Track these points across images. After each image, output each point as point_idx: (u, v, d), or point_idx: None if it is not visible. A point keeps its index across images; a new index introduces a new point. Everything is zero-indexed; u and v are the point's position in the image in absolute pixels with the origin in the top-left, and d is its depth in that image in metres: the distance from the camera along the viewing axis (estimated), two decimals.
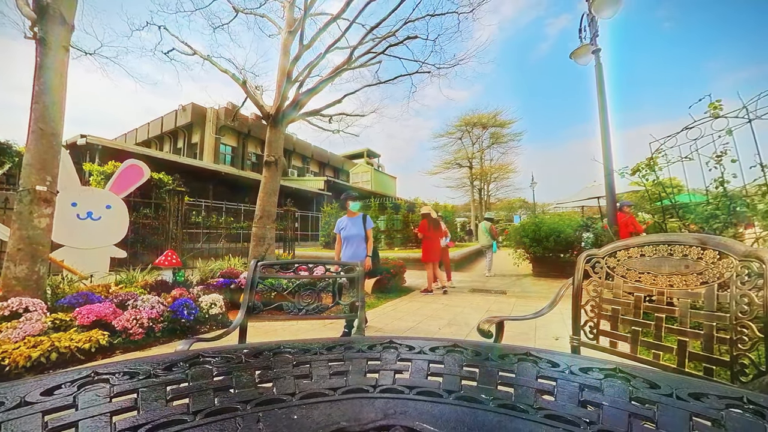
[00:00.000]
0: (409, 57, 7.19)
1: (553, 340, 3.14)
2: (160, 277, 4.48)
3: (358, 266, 1.56)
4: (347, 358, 0.62)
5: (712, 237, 1.06)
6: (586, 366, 0.54)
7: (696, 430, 0.37)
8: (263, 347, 0.65)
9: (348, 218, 3.46)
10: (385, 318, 4.24)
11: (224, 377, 0.52)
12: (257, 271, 1.45)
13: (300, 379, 0.53)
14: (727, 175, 2.72)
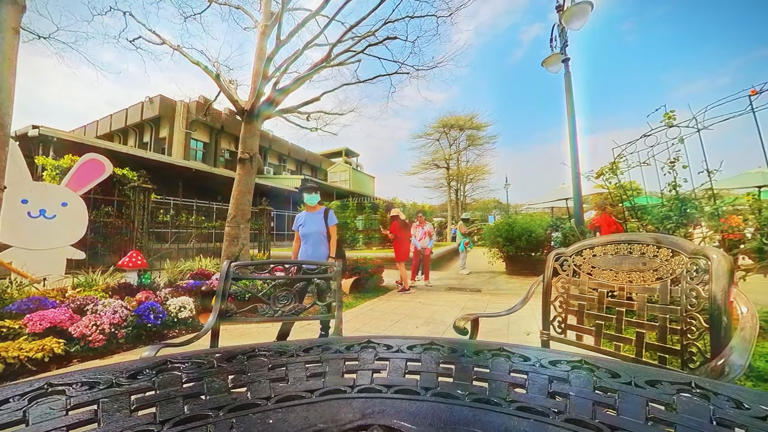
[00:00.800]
0: (389, 57, 7.22)
1: (525, 335, 3.27)
2: (123, 279, 4.21)
3: (335, 266, 1.55)
4: (325, 359, 0.61)
5: (666, 236, 1.14)
6: (554, 359, 0.57)
7: (652, 415, 0.40)
8: (237, 351, 0.63)
9: (306, 213, 3.08)
10: (364, 318, 4.23)
11: (194, 383, 0.50)
12: (230, 272, 1.40)
13: (276, 382, 0.52)
14: (679, 179, 2.96)
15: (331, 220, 3.03)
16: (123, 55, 63.68)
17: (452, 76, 20.41)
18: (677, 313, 1.01)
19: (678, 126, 2.83)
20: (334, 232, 3.02)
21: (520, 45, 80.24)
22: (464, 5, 6.91)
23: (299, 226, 3.06)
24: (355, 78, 7.25)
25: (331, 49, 6.29)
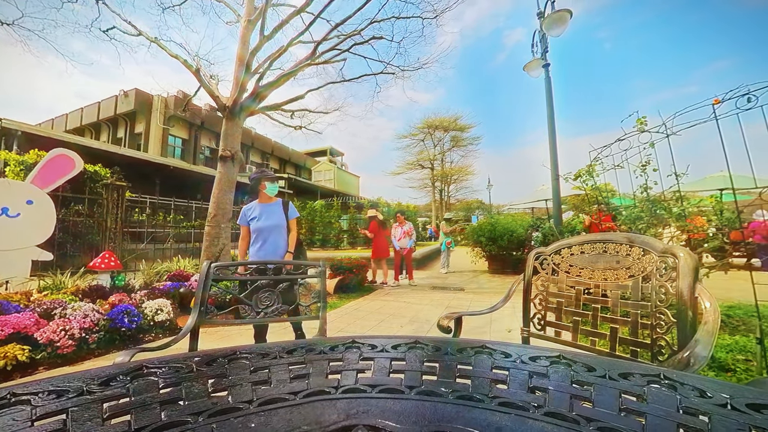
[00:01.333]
0: (374, 57, 7.20)
1: (506, 332, 3.35)
2: (95, 281, 4.01)
3: (320, 265, 1.54)
4: (308, 360, 0.60)
5: (638, 236, 1.20)
6: (534, 355, 0.59)
7: (625, 406, 0.42)
8: (217, 354, 0.61)
9: (261, 204, 2.68)
10: (348, 318, 4.21)
11: (173, 389, 0.49)
12: (211, 273, 1.36)
13: (258, 385, 0.51)
14: (650, 182, 3.11)
15: (292, 213, 2.72)
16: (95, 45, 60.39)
17: (437, 78, 20.69)
18: (648, 309, 1.06)
19: (649, 131, 2.97)
20: (295, 227, 2.73)
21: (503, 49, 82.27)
22: (449, 8, 6.99)
23: (251, 219, 2.63)
24: (340, 77, 7.20)
25: (316, 47, 6.21)
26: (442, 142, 26.97)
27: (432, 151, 26.82)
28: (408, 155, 28.09)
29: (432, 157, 26.72)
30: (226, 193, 5.61)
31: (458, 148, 27.31)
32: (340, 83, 7.17)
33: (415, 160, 27.62)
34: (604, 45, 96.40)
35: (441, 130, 26.45)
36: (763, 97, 2.14)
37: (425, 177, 27.73)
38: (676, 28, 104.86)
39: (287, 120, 7.72)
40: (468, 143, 27.17)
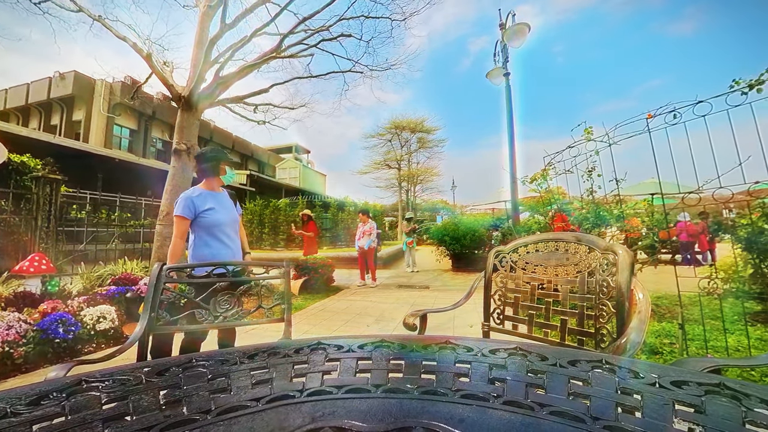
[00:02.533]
0: (343, 55, 7.11)
1: (468, 328, 3.50)
2: (22, 287, 3.54)
3: (283, 265, 1.49)
4: (272, 364, 0.58)
5: (584, 235, 1.31)
6: (494, 348, 0.62)
7: (573, 390, 0.46)
8: (170, 363, 0.57)
9: (212, 194, 2.12)
10: (314, 319, 4.13)
11: (118, 404, 0.45)
12: (163, 276, 1.26)
13: (217, 393, 0.49)
14: (595, 186, 3.42)
15: (238, 207, 2.34)
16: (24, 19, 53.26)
17: (405, 79, 20.83)
18: (592, 301, 1.16)
19: (594, 140, 3.26)
20: (241, 224, 2.39)
21: (468, 55, 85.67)
22: (417, 12, 7.11)
23: (205, 211, 2.00)
24: (307, 72, 7.02)
25: (282, 40, 6.01)
26: (408, 143, 27.40)
27: (399, 151, 27.14)
28: (375, 155, 28.18)
29: (399, 157, 27.03)
30: (180, 189, 5.22)
31: (424, 150, 27.91)
32: (307, 79, 6.99)
33: (383, 159, 27.77)
34: (558, 59, 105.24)
35: (408, 131, 26.84)
36: (686, 114, 2.45)
37: (392, 177, 28.00)
38: (618, 49, 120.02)
39: (250, 114, 7.38)
40: (434, 145, 27.87)
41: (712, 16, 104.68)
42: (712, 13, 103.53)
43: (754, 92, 2.26)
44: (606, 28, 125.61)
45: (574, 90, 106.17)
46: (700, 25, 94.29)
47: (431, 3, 7.03)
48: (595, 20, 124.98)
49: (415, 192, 29.53)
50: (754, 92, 2.26)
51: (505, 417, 0.42)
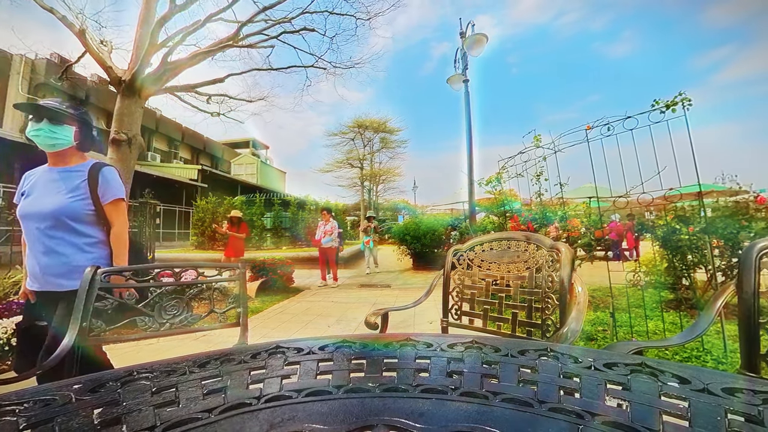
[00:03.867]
0: (305, 49, 6.90)
1: (428, 324, 3.60)
2: None
3: (238, 267, 1.41)
4: (226, 372, 0.55)
5: (533, 234, 1.42)
6: (451, 342, 0.65)
7: (522, 378, 0.50)
8: (106, 378, 0.52)
9: (45, 169, 1.45)
10: (272, 322, 3.97)
11: (41, 429, 0.39)
12: (97, 281, 1.13)
13: (163, 407, 0.45)
14: (542, 189, 3.72)
15: (113, 188, 1.47)
16: None
17: (369, 78, 20.76)
18: (539, 295, 1.26)
19: (542, 147, 3.54)
20: (120, 217, 1.49)
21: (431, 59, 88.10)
22: (382, 13, 7.14)
23: (22, 196, 1.43)
24: (267, 64, 6.70)
25: (240, 28, 5.67)
26: (371, 142, 27.46)
27: (362, 150, 27.08)
28: (338, 153, 27.83)
29: (361, 156, 26.98)
30: None
31: (387, 150, 28.17)
32: (267, 71, 6.69)
33: (345, 158, 27.53)
34: (512, 69, 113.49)
35: (371, 130, 26.89)
36: (617, 127, 2.76)
37: (354, 176, 27.86)
38: (564, 64, 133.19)
39: (202, 104, 6.87)
40: (396, 145, 28.24)
41: (645, 41, 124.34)
42: (644, 38, 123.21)
43: (670, 111, 2.61)
44: (554, 45, 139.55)
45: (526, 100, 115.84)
46: (634, 47, 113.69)
47: (396, 5, 7.10)
48: (546, 37, 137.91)
49: (377, 191, 29.70)
50: (671, 111, 2.61)
51: (462, 407, 0.44)
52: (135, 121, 4.93)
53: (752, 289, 0.88)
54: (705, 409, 0.39)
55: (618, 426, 0.38)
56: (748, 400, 0.40)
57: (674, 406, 0.40)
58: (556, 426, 0.39)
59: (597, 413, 0.40)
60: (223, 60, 7.06)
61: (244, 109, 7.66)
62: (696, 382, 0.44)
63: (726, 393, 0.42)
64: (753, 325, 0.87)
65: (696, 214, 3.53)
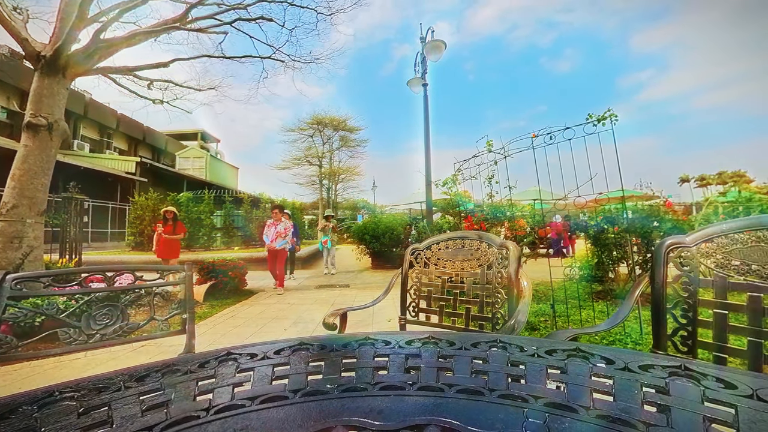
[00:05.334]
0: (262, 39, 6.56)
1: (387, 322, 3.65)
2: None
3: (183, 269, 1.30)
4: (169, 384, 0.51)
5: (485, 234, 1.51)
6: (409, 339, 0.66)
7: (474, 369, 0.53)
8: (19, 401, 0.45)
9: None
10: (223, 327, 3.73)
11: None
12: (6, 289, 0.96)
13: (92, 429, 0.40)
14: (494, 191, 3.97)
15: None
16: None
17: (329, 75, 20.34)
18: (490, 290, 1.35)
19: (494, 152, 3.78)
20: None
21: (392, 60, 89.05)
22: (344, 10, 7.04)
23: None
24: (219, 51, 6.24)
25: (189, 10, 5.21)
26: (331, 140, 26.98)
27: (321, 148, 26.48)
28: (295, 150, 26.89)
29: (320, 154, 26.39)
30: (37, 174, 4.07)
31: (347, 149, 27.87)
32: (219, 59, 6.24)
33: (303, 155, 26.70)
34: (469, 76, 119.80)
35: (330, 128, 26.41)
36: (558, 136, 3.03)
37: (313, 174, 27.16)
38: (515, 75, 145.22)
39: (143, 90, 6.21)
40: (356, 144, 28.06)
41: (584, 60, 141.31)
42: (584, 57, 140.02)
43: (601, 125, 2.94)
44: (507, 57, 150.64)
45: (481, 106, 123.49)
46: (575, 65, 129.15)
47: (358, 3, 7.04)
48: (499, 48, 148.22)
49: (336, 190, 29.30)
50: (601, 125, 2.94)
51: (420, 401, 0.45)
52: (57, 103, 4.29)
53: (661, 280, 1.03)
54: (626, 385, 0.45)
55: (557, 406, 0.42)
56: (658, 375, 0.47)
57: (602, 384, 0.46)
58: (504, 411, 0.42)
59: (539, 396, 0.44)
60: (169, 43, 6.41)
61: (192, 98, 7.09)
62: (619, 362, 0.51)
63: (642, 370, 0.48)
64: (661, 310, 1.02)
65: (620, 215, 4.03)
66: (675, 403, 0.40)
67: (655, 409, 0.41)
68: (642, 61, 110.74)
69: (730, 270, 0.93)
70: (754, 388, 0.41)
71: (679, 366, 0.48)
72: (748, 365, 0.87)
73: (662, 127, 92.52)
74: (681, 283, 1.01)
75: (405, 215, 13.83)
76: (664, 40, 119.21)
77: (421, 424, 0.38)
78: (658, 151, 76.30)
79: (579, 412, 0.40)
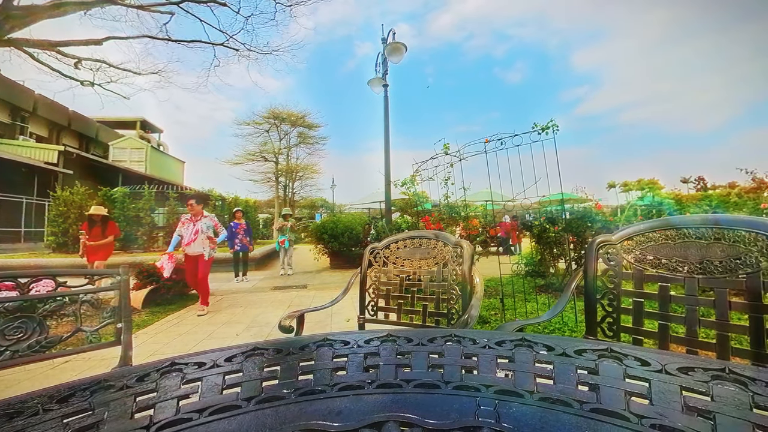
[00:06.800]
0: (214, 24, 6.11)
1: (345, 322, 3.62)
2: None
3: (118, 273, 1.17)
4: (101, 403, 0.45)
5: (441, 233, 1.57)
6: (368, 338, 0.67)
7: (431, 363, 0.55)
8: None
9: None
10: (165, 336, 3.41)
11: None
12: None
13: None
14: (450, 192, 4.15)
15: None
16: None
17: (287, 67, 19.64)
18: (445, 287, 1.40)
19: (450, 154, 3.94)
20: None
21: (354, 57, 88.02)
22: (303, 2, 6.83)
23: None
24: (163, 33, 5.71)
25: None
26: (288, 136, 25.98)
27: (277, 144, 25.37)
28: (250, 144, 25.43)
29: (277, 150, 25.29)
30: None
31: (305, 145, 27.05)
32: (164, 42, 5.70)
33: (258, 151, 25.37)
34: (428, 80, 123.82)
35: (288, 123, 25.42)
36: (508, 142, 3.25)
37: (269, 170, 25.92)
38: (472, 82, 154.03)
39: (69, 69, 5.43)
40: (315, 141, 27.36)
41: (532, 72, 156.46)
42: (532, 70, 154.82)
43: (544, 133, 3.21)
44: (464, 64, 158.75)
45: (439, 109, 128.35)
46: (525, 77, 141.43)
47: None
48: (457, 55, 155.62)
49: (293, 188, 28.35)
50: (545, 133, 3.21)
51: (379, 399, 0.46)
52: None
53: (593, 274, 1.16)
54: (563, 368, 0.50)
55: (506, 393, 0.45)
56: (589, 357, 0.52)
57: (544, 369, 0.50)
58: (459, 402, 0.44)
59: (490, 385, 0.47)
60: (102, 18, 5.67)
61: (130, 82, 6.37)
62: (558, 348, 0.56)
63: (576, 354, 0.54)
64: (592, 300, 1.14)
65: (559, 216, 4.44)
66: (603, 382, 0.46)
67: (587, 388, 0.46)
68: (580, 77, 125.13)
69: (646, 264, 1.08)
70: (663, 363, 0.48)
71: (606, 349, 0.54)
72: (658, 345, 1.01)
73: (596, 137, 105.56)
74: (608, 276, 1.14)
75: (364, 214, 13.84)
76: (598, 60, 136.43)
77: (380, 421, 0.39)
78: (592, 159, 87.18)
79: (525, 397, 0.44)
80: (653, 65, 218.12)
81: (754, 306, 0.86)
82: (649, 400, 0.42)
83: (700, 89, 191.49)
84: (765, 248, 0.86)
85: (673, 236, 1.04)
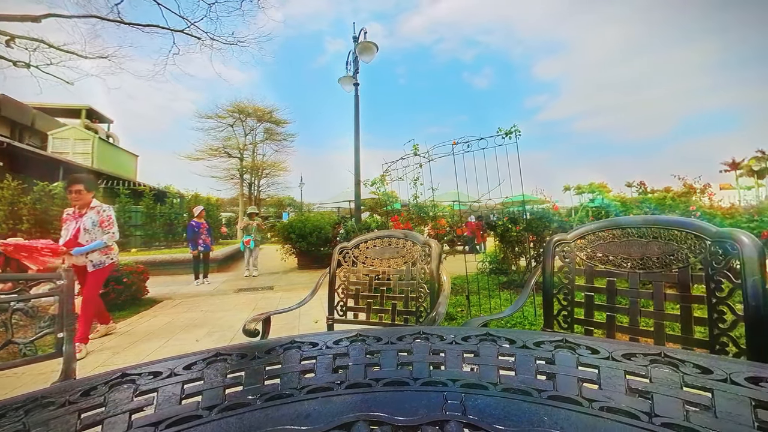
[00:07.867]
0: (174, 9, 5.69)
1: (314, 323, 3.55)
2: None
3: (61, 277, 1.06)
4: (37, 423, 0.41)
5: (410, 232, 1.59)
6: (337, 338, 0.66)
7: (400, 361, 0.55)
8: None
9: None
10: (116, 345, 3.13)
11: None
12: None
13: None
14: (419, 192, 4.23)
15: None
16: None
17: (254, 60, 18.58)
18: (414, 286, 1.43)
19: (419, 155, 4.01)
20: None
21: (324, 53, 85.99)
22: None
23: None
24: (114, 14, 5.21)
25: None
26: (254, 131, 24.91)
27: (242, 139, 24.23)
28: (212, 139, 24.01)
29: (242, 146, 24.14)
30: None
31: (272, 142, 26.08)
32: (116, 24, 5.20)
33: (221, 146, 24.04)
34: (400, 80, 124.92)
35: (254, 118, 24.36)
36: (474, 145, 3.38)
37: (232, 167, 24.66)
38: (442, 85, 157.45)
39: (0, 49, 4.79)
40: (283, 138, 26.47)
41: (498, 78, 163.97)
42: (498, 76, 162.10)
43: (508, 138, 3.37)
44: (435, 66, 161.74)
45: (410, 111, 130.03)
46: (491, 82, 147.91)
47: None
48: (428, 57, 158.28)
49: (259, 186, 27.28)
50: (508, 138, 3.38)
51: (348, 399, 0.45)
52: None
53: (550, 270, 1.24)
54: (524, 360, 0.53)
55: (471, 386, 0.47)
56: (547, 348, 0.56)
57: (507, 361, 0.53)
58: (427, 397, 0.45)
59: (457, 379, 0.48)
60: None
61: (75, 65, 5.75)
62: (519, 341, 0.59)
63: (535, 346, 0.57)
64: (549, 295, 1.22)
65: (521, 216, 4.70)
66: (558, 371, 0.49)
67: (544, 377, 0.49)
68: (541, 86, 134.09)
69: (596, 260, 1.17)
70: (610, 351, 0.53)
71: (561, 340, 0.58)
72: (606, 334, 1.11)
73: (554, 143, 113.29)
74: (563, 272, 1.23)
75: (333, 214, 13.67)
76: (558, 71, 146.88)
77: (350, 421, 0.39)
78: (551, 163, 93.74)
79: (489, 389, 0.46)
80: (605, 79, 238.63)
81: (684, 297, 0.97)
82: (598, 385, 0.45)
83: (644, 102, 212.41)
84: (693, 246, 0.98)
85: (619, 235, 1.14)
